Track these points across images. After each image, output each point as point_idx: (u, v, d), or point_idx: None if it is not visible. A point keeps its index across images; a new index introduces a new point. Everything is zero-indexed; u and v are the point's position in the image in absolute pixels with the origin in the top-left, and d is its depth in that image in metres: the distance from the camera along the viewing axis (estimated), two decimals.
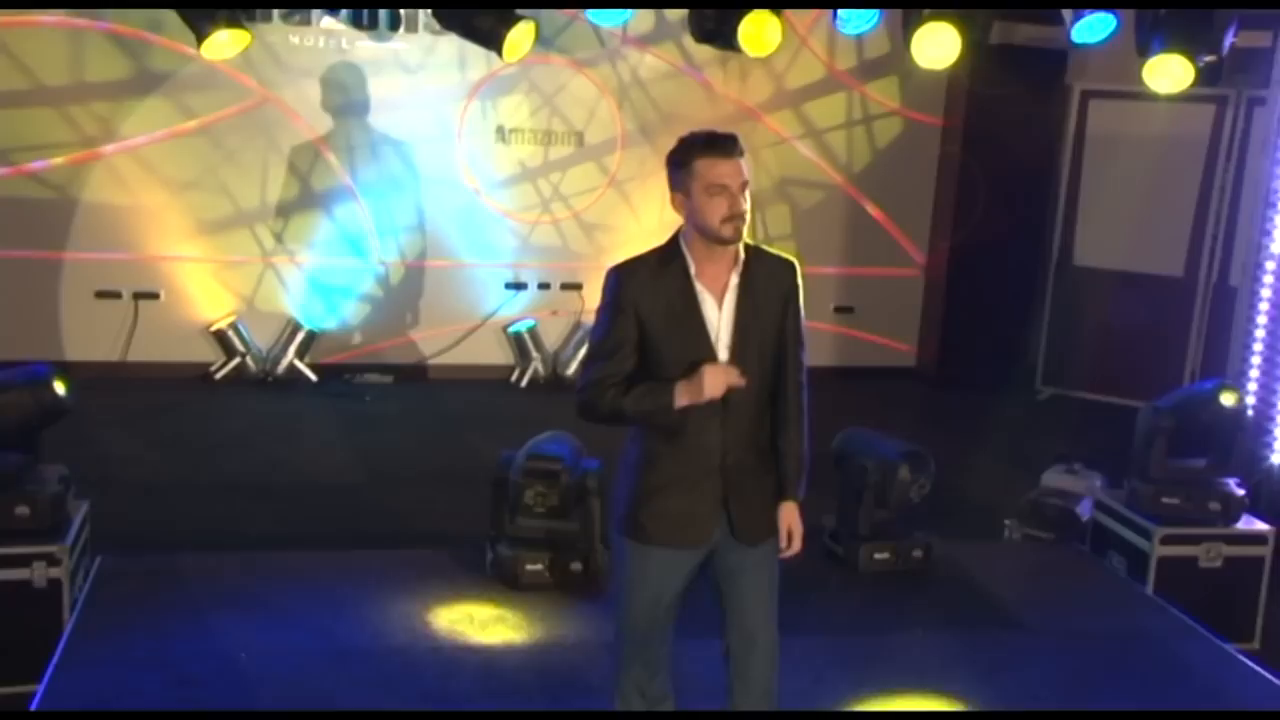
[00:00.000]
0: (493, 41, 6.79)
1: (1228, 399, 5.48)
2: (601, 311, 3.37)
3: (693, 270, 3.32)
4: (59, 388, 4.82)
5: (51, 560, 4.57)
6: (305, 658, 4.43)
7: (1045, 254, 9.64)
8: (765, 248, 3.46)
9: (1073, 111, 9.40)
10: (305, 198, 8.83)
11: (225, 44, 6.43)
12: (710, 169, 3.23)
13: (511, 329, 9.10)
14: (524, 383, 9.03)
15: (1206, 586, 5.32)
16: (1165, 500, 5.41)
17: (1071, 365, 9.49)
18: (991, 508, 6.57)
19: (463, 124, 8.92)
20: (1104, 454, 6.69)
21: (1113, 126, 9.30)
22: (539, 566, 5.09)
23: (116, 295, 8.62)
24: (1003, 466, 7.66)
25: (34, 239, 8.44)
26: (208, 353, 8.76)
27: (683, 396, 3.24)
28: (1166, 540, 5.32)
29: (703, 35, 7.23)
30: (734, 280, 3.33)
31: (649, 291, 3.30)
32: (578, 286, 9.17)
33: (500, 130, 8.99)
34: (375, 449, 7.60)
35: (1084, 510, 5.87)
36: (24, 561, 4.55)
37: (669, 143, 3.39)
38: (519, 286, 9.15)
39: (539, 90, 8.99)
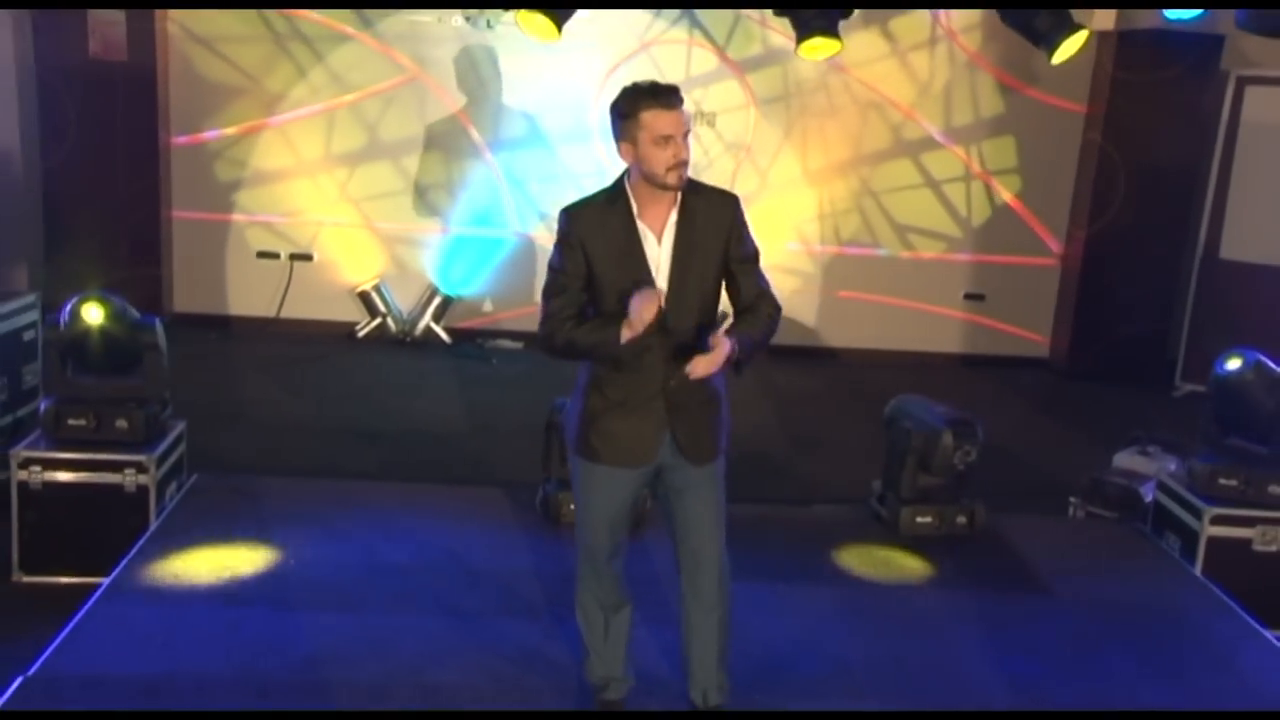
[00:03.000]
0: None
1: (1232, 363, 5.51)
2: (555, 249, 3.60)
3: (635, 210, 3.53)
4: (87, 315, 5.23)
5: (140, 469, 5.11)
6: (344, 569, 4.81)
7: (1190, 246, 9.29)
8: (705, 184, 3.63)
9: (1227, 98, 9.02)
10: (448, 170, 9.33)
11: None
12: (656, 120, 3.43)
13: None
14: None
15: (1260, 571, 5.14)
16: (1223, 481, 5.27)
17: (1214, 362, 9.07)
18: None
19: (598, 102, 9.24)
20: None
21: (1271, 114, 8.89)
22: None
23: (275, 256, 9.31)
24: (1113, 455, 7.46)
25: (206, 202, 9.22)
26: (353, 312, 9.36)
27: (625, 329, 3.41)
28: (1217, 520, 5.17)
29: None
30: (673, 217, 3.53)
31: (595, 230, 3.53)
32: None
33: None
34: (488, 406, 8.00)
35: (1148, 491, 5.74)
36: (118, 468, 5.11)
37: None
38: None
39: (674, 73, 9.21)
